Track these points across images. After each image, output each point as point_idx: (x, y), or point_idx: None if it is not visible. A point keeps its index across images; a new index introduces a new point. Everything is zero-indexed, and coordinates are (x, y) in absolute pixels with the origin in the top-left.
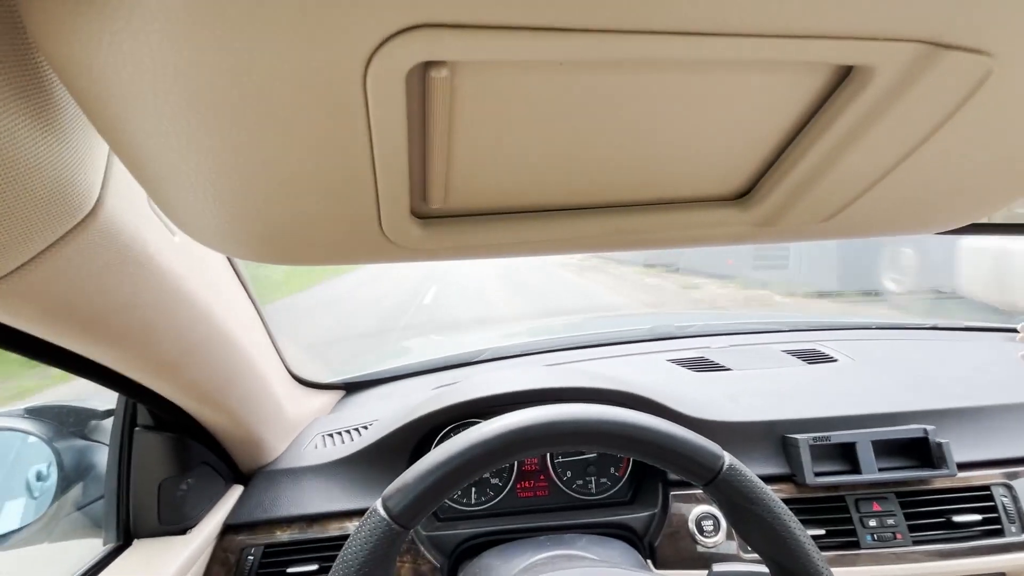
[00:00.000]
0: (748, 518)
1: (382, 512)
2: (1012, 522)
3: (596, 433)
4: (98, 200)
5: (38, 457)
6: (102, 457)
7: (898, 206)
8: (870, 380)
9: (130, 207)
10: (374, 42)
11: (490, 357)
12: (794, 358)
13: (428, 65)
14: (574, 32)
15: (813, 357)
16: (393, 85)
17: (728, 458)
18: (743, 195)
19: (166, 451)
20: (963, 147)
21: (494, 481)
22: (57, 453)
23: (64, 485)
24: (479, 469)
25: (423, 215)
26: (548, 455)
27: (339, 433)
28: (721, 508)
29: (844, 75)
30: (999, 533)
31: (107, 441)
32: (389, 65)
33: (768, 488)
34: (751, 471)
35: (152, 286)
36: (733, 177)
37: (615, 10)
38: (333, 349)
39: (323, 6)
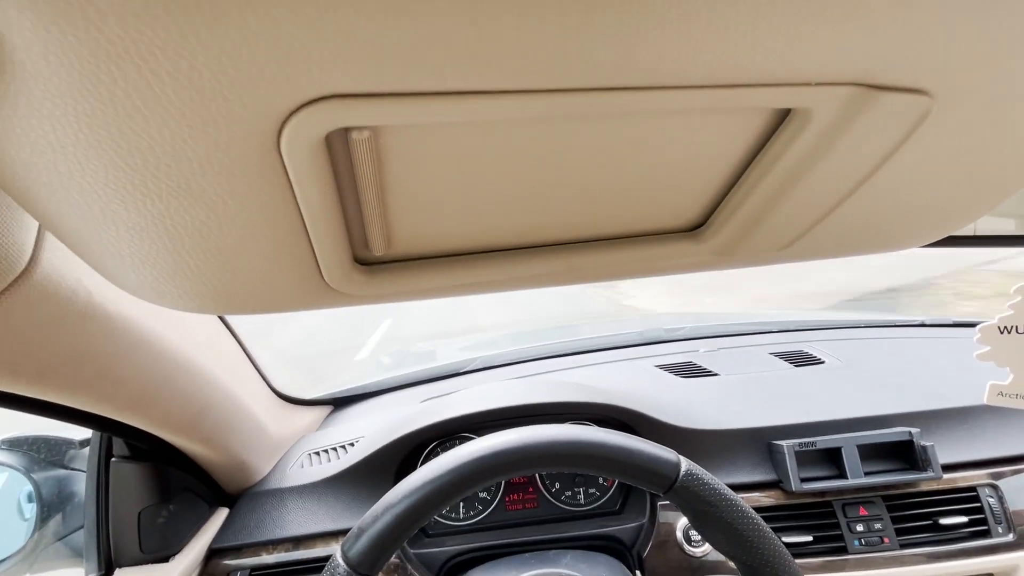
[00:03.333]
0: (710, 521)
1: (341, 562)
2: (998, 522)
3: (549, 455)
4: (31, 259)
5: (16, 489)
6: (82, 486)
7: (856, 231)
8: (856, 382)
9: (70, 261)
10: (281, 114)
11: (479, 367)
12: (781, 361)
13: (347, 128)
14: (498, 94)
15: (800, 359)
16: (310, 150)
17: (685, 463)
18: (698, 227)
19: (144, 480)
20: (912, 176)
21: (482, 495)
22: (36, 484)
23: (44, 515)
24: (435, 507)
25: (367, 261)
26: None
27: (325, 451)
28: (684, 513)
29: (784, 116)
30: (986, 534)
31: (86, 470)
32: (301, 134)
33: (728, 489)
34: (710, 474)
35: (101, 334)
36: (686, 211)
37: (537, 71)
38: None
39: (220, 84)
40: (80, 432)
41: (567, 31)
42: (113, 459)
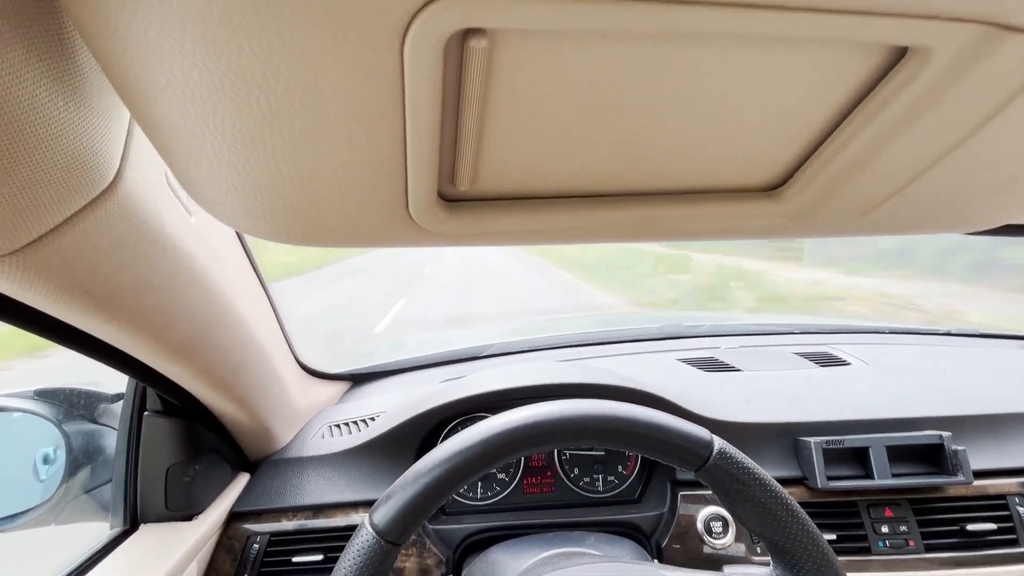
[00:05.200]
0: (742, 500)
1: (370, 529)
2: None
3: (582, 429)
4: (117, 173)
5: (46, 439)
6: (110, 441)
7: (942, 201)
8: (884, 384)
9: (148, 184)
10: (413, 8)
11: (498, 352)
12: (806, 360)
13: (466, 35)
14: (618, 0)
15: (825, 360)
16: (431, 54)
17: (718, 442)
18: (777, 186)
19: (174, 437)
20: (1018, 138)
21: (501, 476)
22: (66, 436)
23: (72, 468)
24: (465, 478)
25: (450, 198)
26: (555, 451)
27: (345, 424)
28: (715, 492)
29: (898, 57)
30: (1014, 543)
31: (116, 425)
32: (428, 32)
33: (760, 469)
34: (742, 453)
35: (167, 267)
36: (768, 167)
37: None
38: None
39: None
40: (112, 387)
41: None
42: (146, 413)
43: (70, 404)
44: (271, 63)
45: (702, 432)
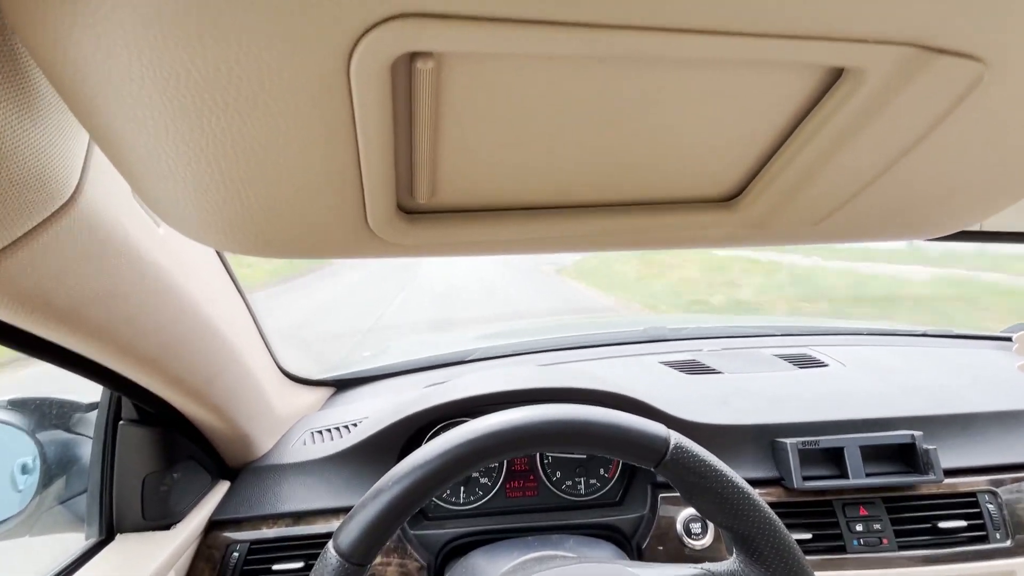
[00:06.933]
0: (701, 492)
1: (334, 552)
2: (997, 528)
3: (540, 435)
4: (77, 188)
5: (19, 450)
6: (86, 450)
7: (889, 210)
8: (859, 385)
9: (111, 197)
10: (356, 32)
11: (481, 357)
12: (785, 362)
13: (414, 57)
14: (563, 26)
15: (804, 361)
16: (377, 76)
17: (675, 437)
18: (733, 197)
19: (151, 445)
20: (953, 152)
21: (483, 480)
22: (40, 446)
23: (47, 479)
24: (427, 494)
25: (410, 210)
26: (537, 455)
27: (327, 430)
28: (676, 487)
29: (836, 77)
30: (984, 540)
31: (91, 434)
32: (372, 55)
33: (718, 460)
34: (700, 447)
35: (133, 278)
36: (723, 179)
37: (604, 5)
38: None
39: None
40: (86, 396)
41: None
42: (121, 422)
43: (44, 414)
44: (221, 84)
45: (658, 428)
